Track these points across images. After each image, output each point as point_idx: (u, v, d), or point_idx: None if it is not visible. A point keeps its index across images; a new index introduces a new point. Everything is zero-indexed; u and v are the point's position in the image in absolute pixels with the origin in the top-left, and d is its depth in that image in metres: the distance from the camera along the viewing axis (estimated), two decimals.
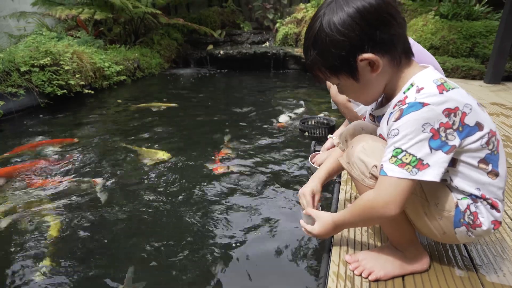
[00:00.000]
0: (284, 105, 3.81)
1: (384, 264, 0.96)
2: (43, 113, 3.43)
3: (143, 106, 3.77)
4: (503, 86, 3.76)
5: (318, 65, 0.86)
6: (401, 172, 0.77)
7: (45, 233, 1.54)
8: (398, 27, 0.80)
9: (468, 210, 0.84)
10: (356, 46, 0.79)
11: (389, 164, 0.79)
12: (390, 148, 0.79)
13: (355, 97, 0.95)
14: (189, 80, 5.65)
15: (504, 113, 2.73)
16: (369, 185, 0.88)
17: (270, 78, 5.70)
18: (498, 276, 0.96)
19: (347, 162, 0.95)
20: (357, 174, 0.91)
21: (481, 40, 4.27)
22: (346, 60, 0.81)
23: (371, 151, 0.88)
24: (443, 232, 0.89)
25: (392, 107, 0.85)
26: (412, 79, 0.83)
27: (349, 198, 1.42)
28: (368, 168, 0.88)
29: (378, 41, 0.79)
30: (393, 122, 0.79)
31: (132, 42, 5.91)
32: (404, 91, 0.83)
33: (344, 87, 0.90)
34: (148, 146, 2.56)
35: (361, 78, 0.84)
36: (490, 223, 0.85)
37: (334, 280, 0.96)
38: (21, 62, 3.42)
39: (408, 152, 0.76)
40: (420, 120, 0.75)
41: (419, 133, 0.75)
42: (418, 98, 0.77)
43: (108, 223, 1.62)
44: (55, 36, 4.72)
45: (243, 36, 6.93)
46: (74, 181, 2.02)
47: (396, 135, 0.78)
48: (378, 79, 0.85)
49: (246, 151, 2.46)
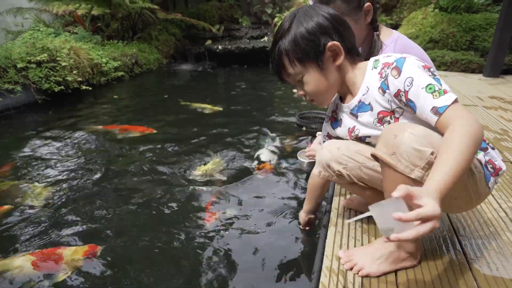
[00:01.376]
0: (281, 109, 3.79)
1: (375, 260, 0.95)
2: (41, 109, 3.42)
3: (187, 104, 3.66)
4: (502, 79, 3.73)
5: (288, 54, 0.94)
6: (450, 96, 0.79)
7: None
8: (352, 35, 0.98)
9: (485, 162, 0.90)
10: (327, 33, 0.92)
11: (438, 100, 0.79)
12: (422, 91, 0.81)
13: (315, 93, 0.99)
14: (187, 76, 5.63)
15: (503, 106, 2.72)
16: (416, 177, 0.78)
17: (268, 74, 5.67)
18: (491, 271, 0.96)
19: (392, 153, 0.80)
20: (404, 166, 0.79)
21: (480, 33, 4.23)
22: (316, 45, 0.92)
23: (423, 137, 0.78)
24: (479, 195, 0.92)
25: (375, 80, 0.92)
26: (369, 63, 0.96)
27: (343, 192, 1.41)
28: (424, 157, 0.77)
29: (343, 34, 0.94)
30: (398, 78, 0.84)
31: (130, 37, 5.88)
32: (374, 67, 0.93)
33: (308, 77, 0.96)
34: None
35: (325, 66, 0.94)
36: (501, 161, 0.92)
37: (327, 275, 0.96)
38: (18, 59, 3.40)
39: (433, 84, 0.81)
40: (415, 64, 0.84)
41: (422, 71, 0.83)
42: (397, 57, 0.88)
43: (109, 221, 1.63)
44: (52, 32, 4.69)
45: (241, 31, 6.90)
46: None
47: (413, 80, 0.82)
48: (337, 71, 0.96)
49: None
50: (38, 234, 1.52)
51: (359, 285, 0.92)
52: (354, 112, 1.00)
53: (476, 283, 0.91)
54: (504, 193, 1.38)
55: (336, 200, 1.37)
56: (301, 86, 0.99)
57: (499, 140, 1.98)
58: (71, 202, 1.77)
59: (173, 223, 1.60)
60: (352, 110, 1.00)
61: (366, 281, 0.93)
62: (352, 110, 1.00)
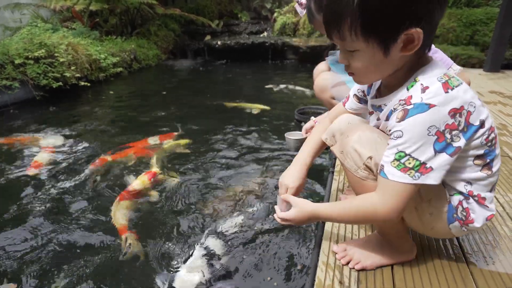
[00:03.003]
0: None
1: (370, 254, 0.95)
2: (39, 106, 3.41)
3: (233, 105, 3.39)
4: (502, 74, 3.72)
5: (352, 17, 0.71)
6: (403, 177, 0.75)
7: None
8: (440, 15, 0.74)
9: (460, 206, 0.83)
10: (413, 15, 0.70)
11: (390, 167, 0.76)
12: (393, 150, 0.76)
13: (360, 72, 0.81)
14: (186, 72, 5.61)
15: (502, 101, 2.71)
16: (361, 177, 0.87)
17: (268, 69, 5.65)
18: (488, 265, 0.96)
19: (341, 151, 0.91)
20: (350, 165, 0.88)
21: (481, 28, 4.21)
22: (394, 25, 0.71)
23: (367, 142, 0.85)
24: (431, 227, 0.89)
25: (394, 104, 0.80)
26: (416, 74, 0.78)
27: (341, 188, 1.41)
28: (362, 159, 0.85)
29: (429, 21, 0.72)
30: (396, 123, 0.75)
31: (128, 33, 5.85)
32: (408, 87, 0.78)
33: (361, 56, 0.77)
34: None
35: (390, 52, 0.75)
36: (484, 219, 0.83)
37: (323, 269, 0.96)
38: (15, 55, 3.39)
39: (412, 156, 0.74)
40: (426, 123, 0.71)
41: (424, 136, 0.72)
42: (425, 98, 0.72)
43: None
44: (50, 28, 4.66)
45: (241, 26, 6.86)
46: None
47: (399, 137, 0.74)
48: (398, 61, 0.77)
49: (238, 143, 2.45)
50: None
51: (355, 279, 0.92)
52: (374, 109, 0.94)
53: (472, 277, 0.91)
54: (501, 188, 1.38)
55: (333, 194, 1.37)
56: (347, 56, 0.80)
57: (498, 135, 1.97)
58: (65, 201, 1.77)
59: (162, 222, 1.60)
60: (373, 106, 0.94)
61: (362, 275, 0.93)
62: (373, 106, 0.94)
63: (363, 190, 0.88)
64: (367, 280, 0.92)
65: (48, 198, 1.77)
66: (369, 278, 0.92)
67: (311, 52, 5.72)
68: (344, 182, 1.45)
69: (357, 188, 0.92)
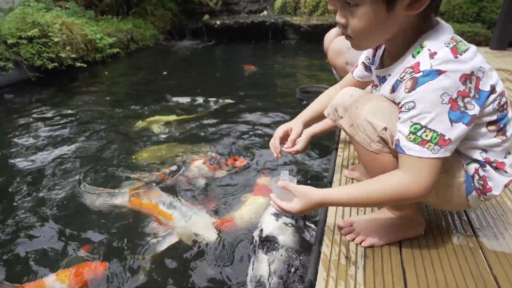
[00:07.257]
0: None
1: (378, 230, 0.92)
2: (34, 87, 3.34)
3: None
4: (509, 52, 3.62)
5: None
6: (422, 151, 0.70)
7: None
8: None
9: (476, 175, 0.80)
10: None
11: (407, 142, 0.71)
12: (407, 123, 0.71)
13: (358, 33, 0.75)
14: (185, 52, 5.48)
15: (510, 78, 2.65)
16: (375, 150, 0.81)
17: (268, 50, 5.53)
18: (498, 239, 0.93)
19: (350, 124, 0.84)
20: (362, 138, 0.82)
21: (488, 4, 4.08)
22: None
23: (380, 112, 0.79)
24: (447, 199, 0.85)
25: (400, 73, 0.75)
26: (422, 39, 0.73)
27: (346, 164, 1.38)
28: (377, 131, 0.79)
29: None
30: (406, 94, 0.70)
31: (124, 12, 5.69)
32: (414, 54, 0.73)
33: (363, 12, 0.71)
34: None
35: (395, 8, 0.69)
36: (503, 186, 0.80)
37: (328, 245, 0.94)
38: (8, 34, 3.29)
39: (429, 127, 0.69)
40: (438, 91, 0.67)
41: (438, 105, 0.68)
42: (434, 64, 0.68)
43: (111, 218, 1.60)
44: (43, 7, 4.52)
45: (240, 5, 6.67)
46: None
47: (412, 108, 0.70)
48: (402, 21, 0.72)
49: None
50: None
51: (361, 254, 0.90)
52: (379, 81, 0.89)
53: (482, 251, 0.89)
54: None
55: (338, 171, 1.33)
56: (346, 14, 0.74)
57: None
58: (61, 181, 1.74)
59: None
60: (378, 77, 0.88)
61: (369, 251, 0.91)
62: (378, 78, 0.89)
63: (375, 165, 0.83)
64: (374, 255, 0.89)
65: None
66: (376, 253, 0.90)
67: (313, 31, 5.58)
68: (349, 159, 1.42)
69: (369, 163, 0.86)
